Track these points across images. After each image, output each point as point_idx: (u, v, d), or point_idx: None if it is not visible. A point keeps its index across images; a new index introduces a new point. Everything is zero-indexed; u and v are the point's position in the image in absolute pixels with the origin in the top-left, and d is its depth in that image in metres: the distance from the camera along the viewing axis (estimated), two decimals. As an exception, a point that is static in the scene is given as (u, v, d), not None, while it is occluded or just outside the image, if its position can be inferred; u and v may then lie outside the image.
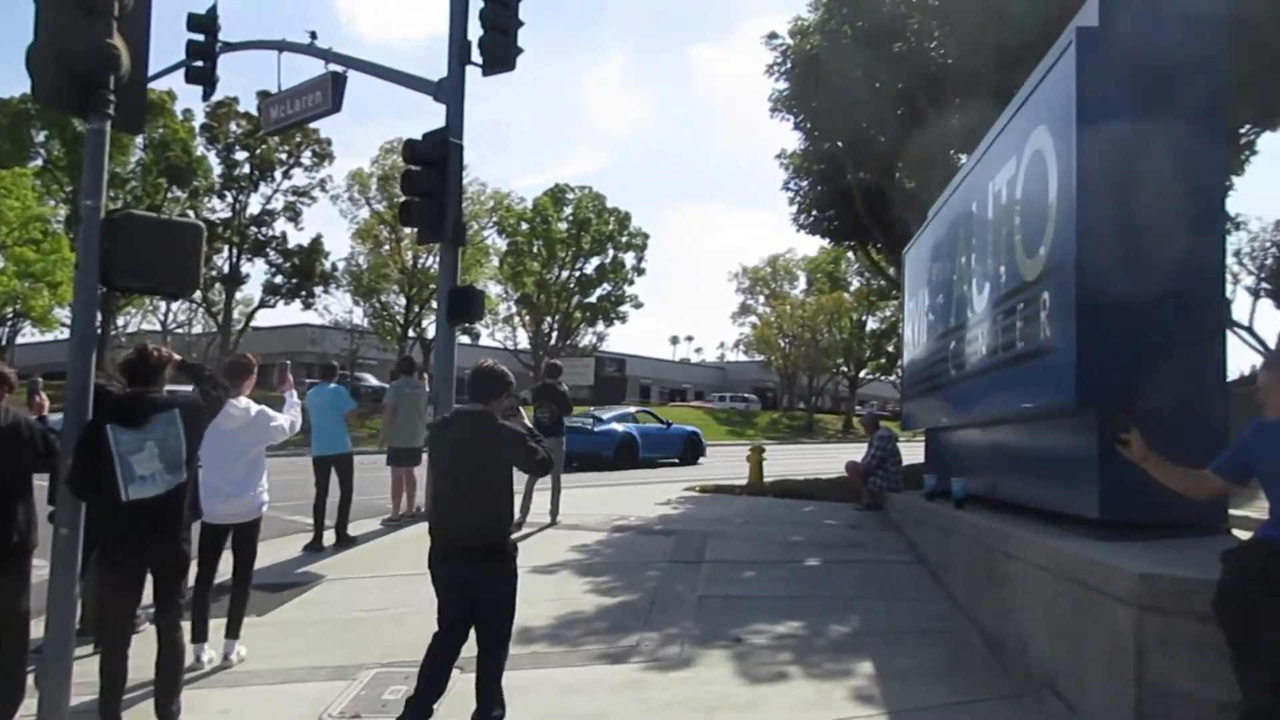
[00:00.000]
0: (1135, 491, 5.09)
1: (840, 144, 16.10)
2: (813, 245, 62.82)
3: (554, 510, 10.73)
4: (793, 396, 65.43)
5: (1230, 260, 26.34)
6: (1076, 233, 5.21)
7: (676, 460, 23.03)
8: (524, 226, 44.70)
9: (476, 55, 12.02)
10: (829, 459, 20.78)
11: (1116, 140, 5.22)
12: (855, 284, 53.78)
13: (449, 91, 11.90)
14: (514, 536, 4.63)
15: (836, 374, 60.40)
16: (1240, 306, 29.89)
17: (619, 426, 21.87)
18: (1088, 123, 5.22)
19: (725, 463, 22.25)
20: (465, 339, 51.27)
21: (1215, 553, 3.79)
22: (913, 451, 12.60)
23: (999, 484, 7.53)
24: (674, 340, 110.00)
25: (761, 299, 61.72)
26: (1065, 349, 5.30)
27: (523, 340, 48.93)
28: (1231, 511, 5.46)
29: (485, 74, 12.07)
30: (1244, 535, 4.49)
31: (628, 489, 15.39)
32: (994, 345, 6.90)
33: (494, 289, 46.48)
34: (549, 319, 47.40)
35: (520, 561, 4.62)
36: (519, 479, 4.96)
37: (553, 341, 47.78)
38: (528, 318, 46.88)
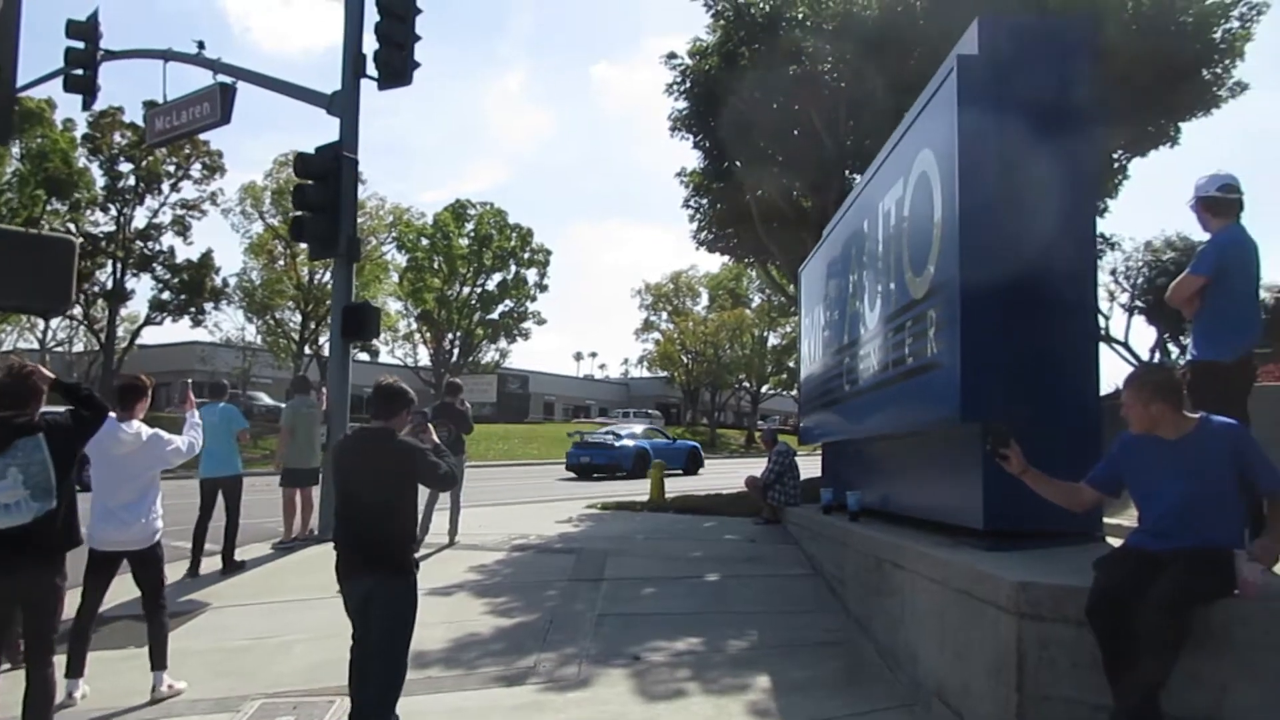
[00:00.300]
0: (1018, 503, 5.27)
1: (739, 163, 16.31)
2: (715, 262, 63.54)
3: (453, 530, 10.56)
4: (696, 412, 65.94)
5: (1107, 279, 27.63)
6: (959, 252, 5.37)
7: (680, 471, 25.95)
8: (424, 242, 44.14)
9: (372, 69, 11.87)
10: (731, 474, 21.00)
11: (995, 163, 5.42)
12: (757, 300, 54.61)
13: (343, 105, 11.70)
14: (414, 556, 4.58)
15: (739, 389, 61.18)
16: (1117, 323, 31.37)
17: (633, 442, 25.47)
18: (968, 146, 5.40)
19: (626, 480, 22.28)
20: (364, 356, 50.24)
21: (1090, 560, 3.95)
22: (813, 465, 12.82)
23: (892, 497, 7.71)
24: (578, 357, 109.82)
25: (664, 315, 62.18)
26: (951, 365, 5.45)
27: (424, 357, 48.23)
28: (1106, 520, 5.71)
29: (381, 88, 11.92)
30: (1116, 543, 4.68)
31: (529, 507, 15.27)
32: (885, 361, 7.06)
33: (394, 305, 45.77)
34: (450, 336, 46.80)
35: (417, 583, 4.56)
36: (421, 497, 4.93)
37: (454, 358, 47.21)
38: (428, 334, 46.20)
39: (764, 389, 58.05)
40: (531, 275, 48.05)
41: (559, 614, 7.24)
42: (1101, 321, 24.62)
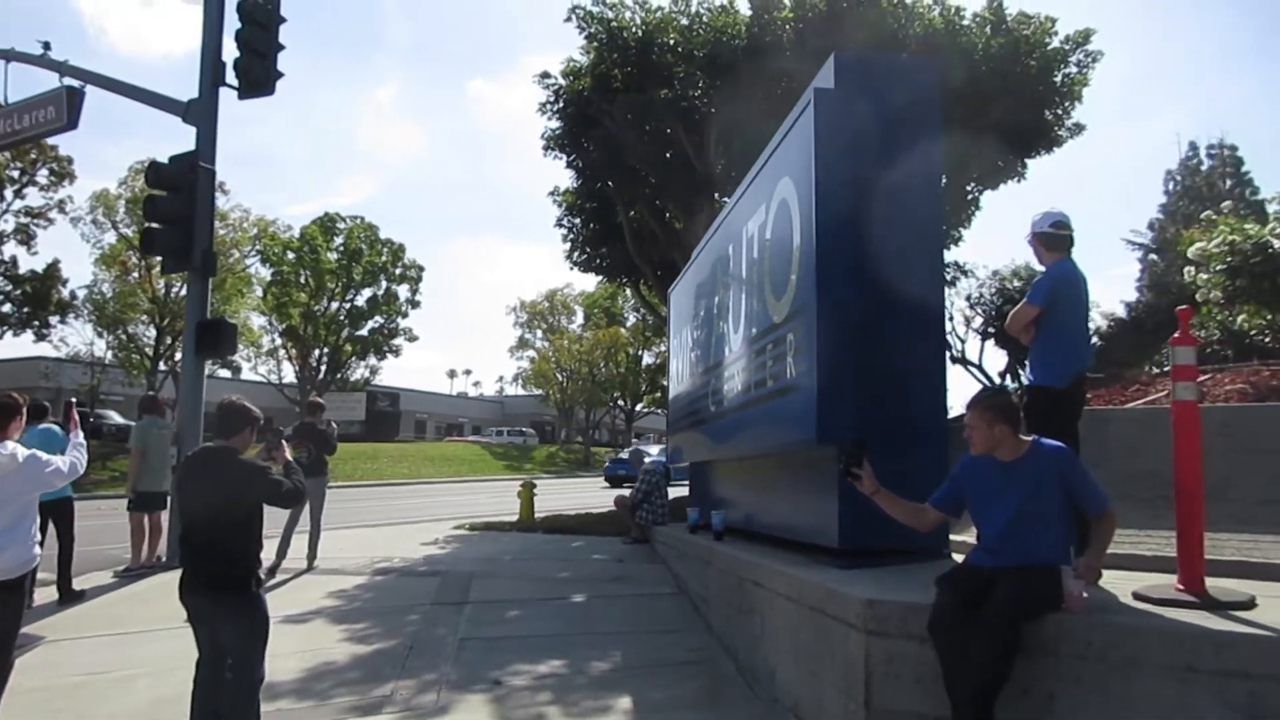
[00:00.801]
0: (871, 522, 5.43)
1: (611, 184, 16.45)
2: (591, 280, 63.80)
3: (311, 554, 10.21)
4: (570, 430, 65.88)
5: (963, 304, 28.90)
6: (815, 277, 5.52)
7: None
8: (290, 256, 42.73)
9: (232, 77, 11.47)
10: (604, 492, 21.05)
11: (850, 192, 5.61)
12: (632, 319, 55.01)
13: (200, 114, 11.26)
14: (269, 584, 4.44)
15: (614, 408, 61.40)
16: (971, 346, 32.81)
17: (660, 458, 25.57)
18: (824, 175, 5.58)
19: (499, 498, 22.04)
20: (226, 373, 48.31)
21: (935, 577, 4.11)
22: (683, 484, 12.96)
23: (756, 516, 7.85)
24: (452, 374, 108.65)
25: (540, 333, 62.01)
26: (808, 387, 5.60)
27: (289, 374, 46.63)
28: (954, 538, 5.95)
29: (241, 97, 11.52)
30: (960, 559, 4.88)
31: (395, 529, 14.94)
32: (748, 383, 7.20)
33: (257, 320, 44.13)
34: (317, 352, 45.41)
35: (270, 611, 4.42)
36: (275, 523, 4.76)
37: (322, 375, 45.82)
38: (294, 351, 44.70)
39: (639, 407, 58.44)
40: (403, 291, 47.20)
41: (420, 639, 7.08)
42: (957, 345, 25.79)
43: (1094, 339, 12.70)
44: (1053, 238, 5.10)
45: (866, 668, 4.15)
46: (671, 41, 15.47)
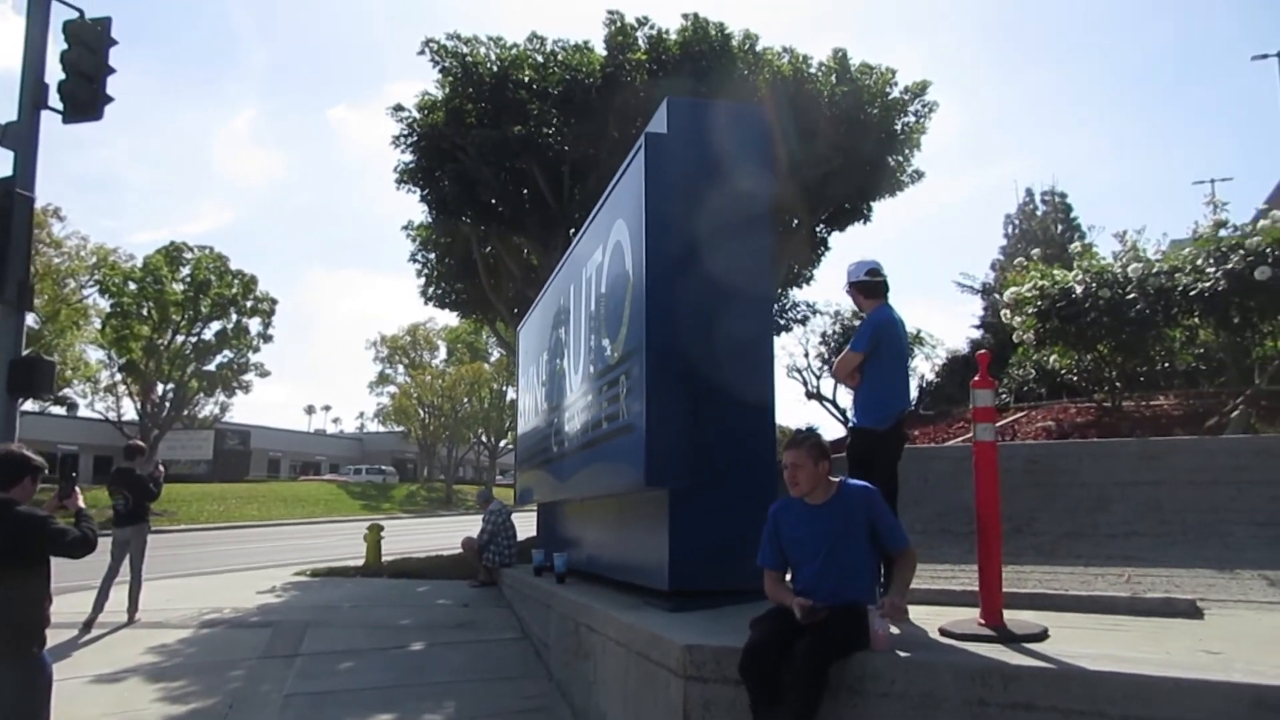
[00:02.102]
0: (701, 563, 5.52)
1: (466, 219, 16.29)
2: (454, 315, 63.01)
3: (132, 607, 9.57)
4: (433, 468, 64.52)
5: (816, 341, 29.77)
6: (646, 320, 5.57)
7: None
8: (133, 286, 40.54)
9: (56, 100, 10.84)
10: (463, 532, 20.58)
11: (680, 235, 5.70)
12: (496, 355, 54.47)
13: (18, 138, 10.56)
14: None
15: (477, 444, 60.49)
16: (826, 383, 33.81)
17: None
18: (655, 218, 5.65)
19: (352, 540, 21.28)
20: (59, 410, 45.37)
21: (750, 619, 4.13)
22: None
23: (597, 558, 7.80)
24: (310, 410, 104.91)
25: (401, 368, 60.67)
26: (639, 429, 5.61)
27: (130, 411, 44.05)
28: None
29: (66, 121, 10.87)
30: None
31: (231, 576, 14.23)
32: (586, 423, 7.19)
33: (94, 354, 41.67)
34: (161, 388, 43.11)
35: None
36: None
37: (165, 413, 43.49)
38: (135, 386, 42.30)
39: (503, 443, 57.75)
40: (255, 325, 45.32)
41: (242, 696, 6.72)
42: (812, 381, 26.55)
43: (932, 376, 13.27)
44: (870, 285, 5.29)
45: (685, 712, 4.14)
46: (526, 79, 15.49)
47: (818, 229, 18.27)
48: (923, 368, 13.95)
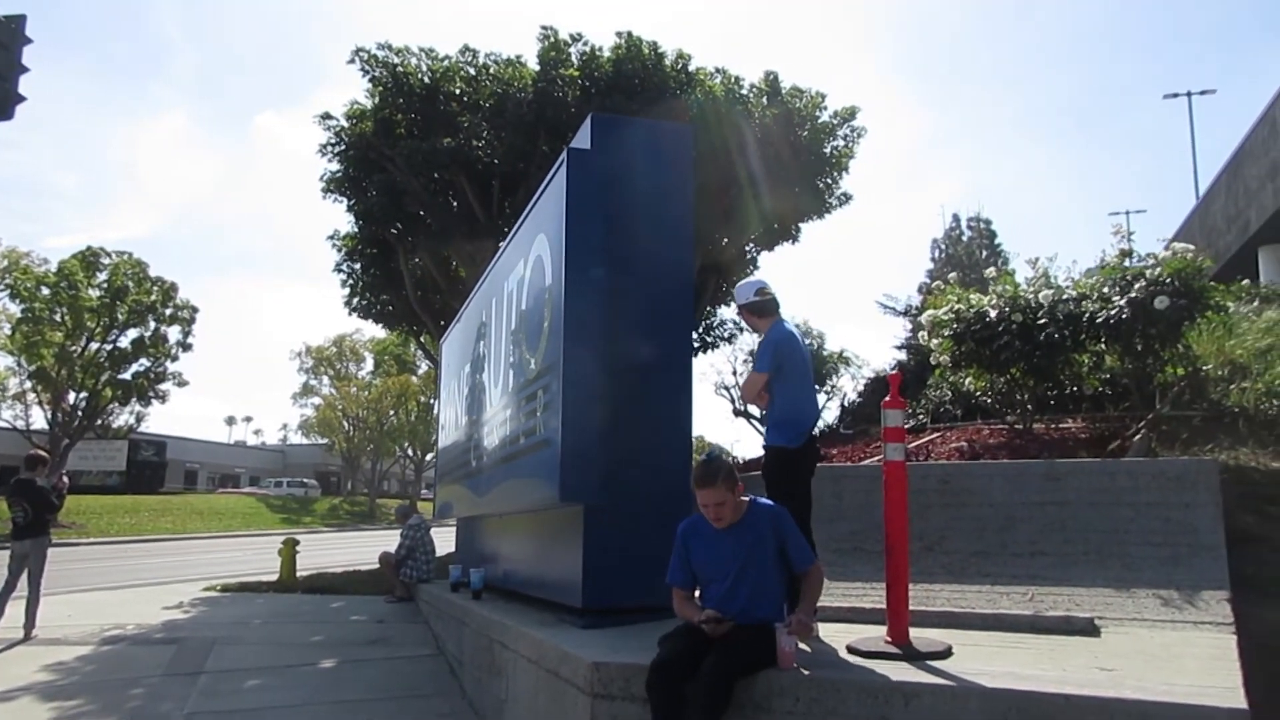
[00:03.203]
0: (615, 581, 5.48)
1: (393, 230, 16.10)
2: (381, 327, 62.19)
3: (29, 623, 9.19)
4: (356, 481, 63.38)
5: (743, 358, 30.05)
6: (564, 335, 5.54)
7: None
8: (45, 291, 39.10)
9: (-38, 95, 10.47)
10: (385, 546, 20.20)
11: (601, 250, 5.68)
12: (424, 367, 53.81)
13: (-82, 132, 10.16)
14: None
15: (403, 458, 59.62)
16: (753, 400, 33.99)
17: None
18: (575, 233, 5.63)
19: (268, 555, 20.74)
20: (-40, 419, 43.43)
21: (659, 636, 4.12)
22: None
23: (513, 574, 7.72)
24: (230, 421, 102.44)
25: (326, 380, 59.58)
26: (555, 445, 5.57)
27: (40, 420, 42.37)
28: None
29: (-27, 118, 10.52)
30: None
31: (137, 591, 13.76)
32: (505, 438, 7.12)
33: (3, 361, 40.09)
34: (73, 396, 41.57)
35: None
36: None
37: (78, 423, 41.93)
38: (45, 395, 40.74)
39: (428, 457, 56.99)
40: (174, 333, 43.95)
41: (141, 715, 6.50)
42: (739, 397, 26.77)
43: (855, 396, 13.46)
44: (761, 305, 5.28)
45: (591, 732, 4.10)
46: (458, 91, 15.43)
47: (747, 248, 18.47)
48: (846, 387, 14.16)
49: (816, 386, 14.01)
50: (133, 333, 42.00)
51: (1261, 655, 4.55)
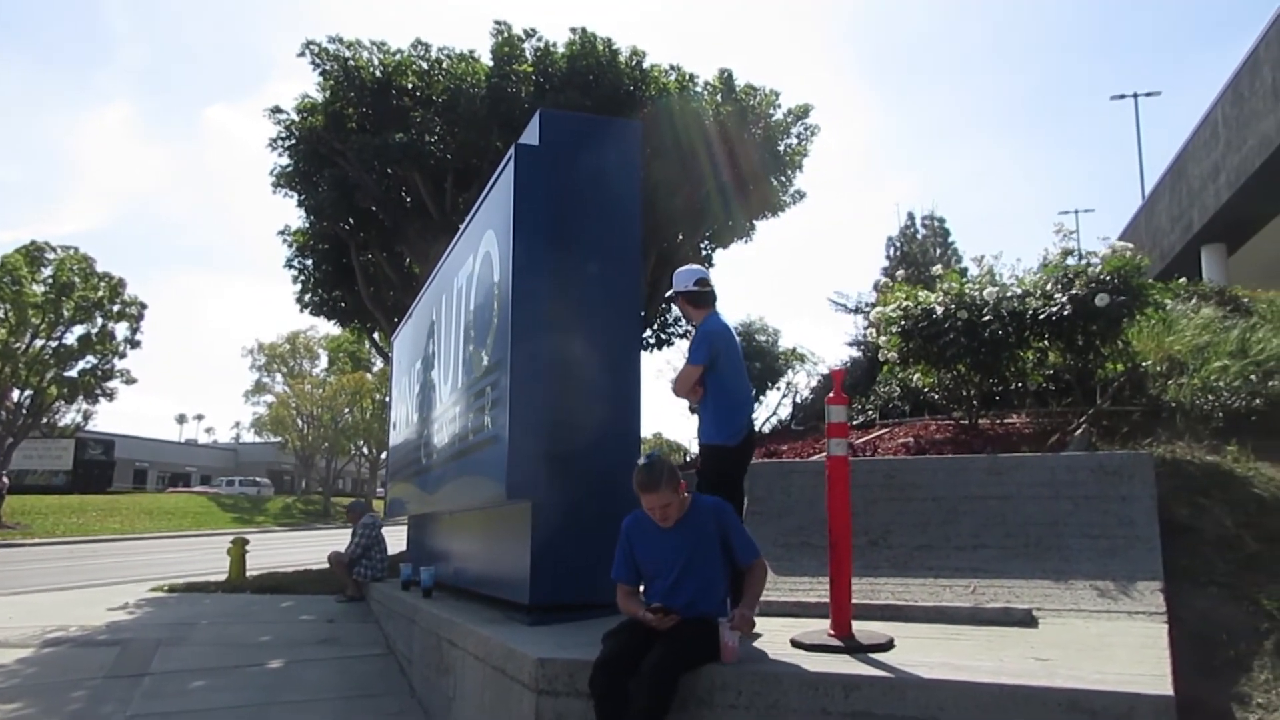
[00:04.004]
0: (563, 577, 5.49)
1: (344, 225, 15.93)
2: (334, 323, 61.44)
3: (-33, 626, 9.01)
4: (310, 480, 62.64)
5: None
6: (512, 331, 5.53)
7: None
8: (-13, 286, 38.19)
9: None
10: (339, 545, 19.99)
11: (549, 246, 5.69)
12: (379, 364, 53.28)
13: None
14: None
15: (357, 456, 59.03)
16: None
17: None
18: (523, 229, 5.63)
19: (218, 555, 20.45)
20: (-102, 416, 42.22)
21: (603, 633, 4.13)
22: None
23: (464, 572, 7.70)
24: (181, 420, 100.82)
25: (279, 377, 58.81)
26: (502, 441, 5.56)
27: (-20, 418, 41.32)
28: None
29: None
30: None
31: (81, 593, 13.50)
32: (455, 435, 7.09)
33: (-58, 357, 39.05)
34: (17, 394, 40.64)
35: None
36: None
37: (21, 421, 40.98)
38: (-13, 393, 39.78)
39: (383, 455, 56.46)
40: (122, 330, 43.12)
41: (82, 717, 6.37)
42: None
43: (808, 393, 13.55)
44: (698, 295, 5.20)
45: (536, 728, 4.10)
46: (410, 85, 15.28)
47: (701, 245, 18.52)
48: (800, 383, 14.23)
49: (771, 384, 14.11)
50: (79, 329, 41.15)
51: (1192, 643, 4.67)
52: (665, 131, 14.66)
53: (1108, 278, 7.00)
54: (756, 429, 13.19)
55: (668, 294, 5.42)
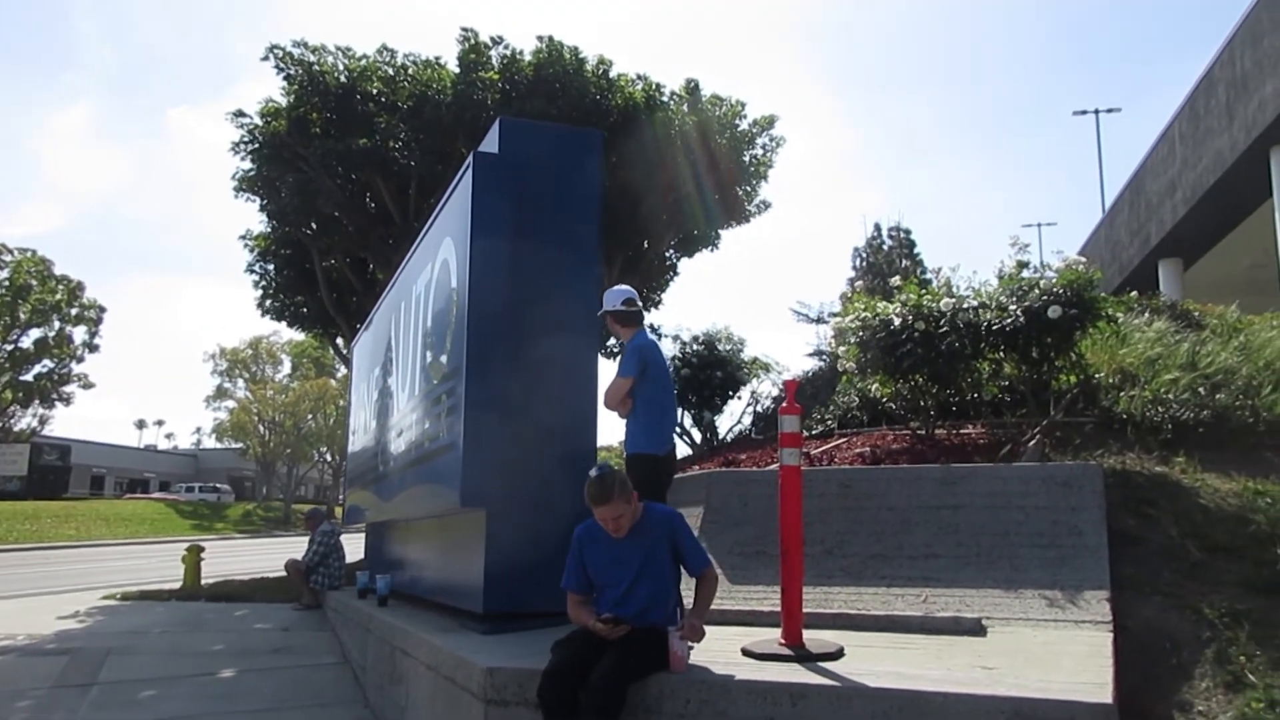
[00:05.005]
0: (516, 586, 5.46)
1: (307, 231, 15.79)
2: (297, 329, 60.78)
3: (-89, 636, 8.80)
4: (272, 486, 61.92)
5: (668, 365, 30.09)
6: (469, 338, 5.52)
7: None
8: (-62, 288, 37.57)
9: None
10: (299, 552, 19.78)
11: (506, 254, 5.68)
12: (343, 370, 52.81)
13: None
14: None
15: (320, 462, 58.45)
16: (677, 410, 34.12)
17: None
18: (480, 237, 5.62)
19: (175, 562, 20.14)
20: None
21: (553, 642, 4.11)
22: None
23: (420, 580, 7.65)
24: (141, 425, 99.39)
25: (241, 383, 58.12)
26: (458, 449, 5.54)
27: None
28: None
29: None
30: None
31: (31, 600, 13.24)
32: (411, 442, 7.05)
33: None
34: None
35: None
36: None
37: (-25, 425, 40.34)
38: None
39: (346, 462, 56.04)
40: (80, 333, 42.55)
41: (24, 730, 6.25)
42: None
43: (769, 402, 13.59)
44: (626, 314, 5.45)
45: (484, 738, 4.08)
46: (375, 91, 15.20)
47: (667, 254, 18.58)
48: (763, 392, 14.27)
49: (732, 392, 14.15)
50: (35, 333, 40.62)
51: (1138, 652, 4.74)
52: (631, 140, 14.71)
53: (1061, 290, 7.09)
54: (720, 437, 13.30)
55: (598, 313, 5.52)
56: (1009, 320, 7.15)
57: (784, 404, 4.70)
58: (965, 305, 7.57)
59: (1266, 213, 15.80)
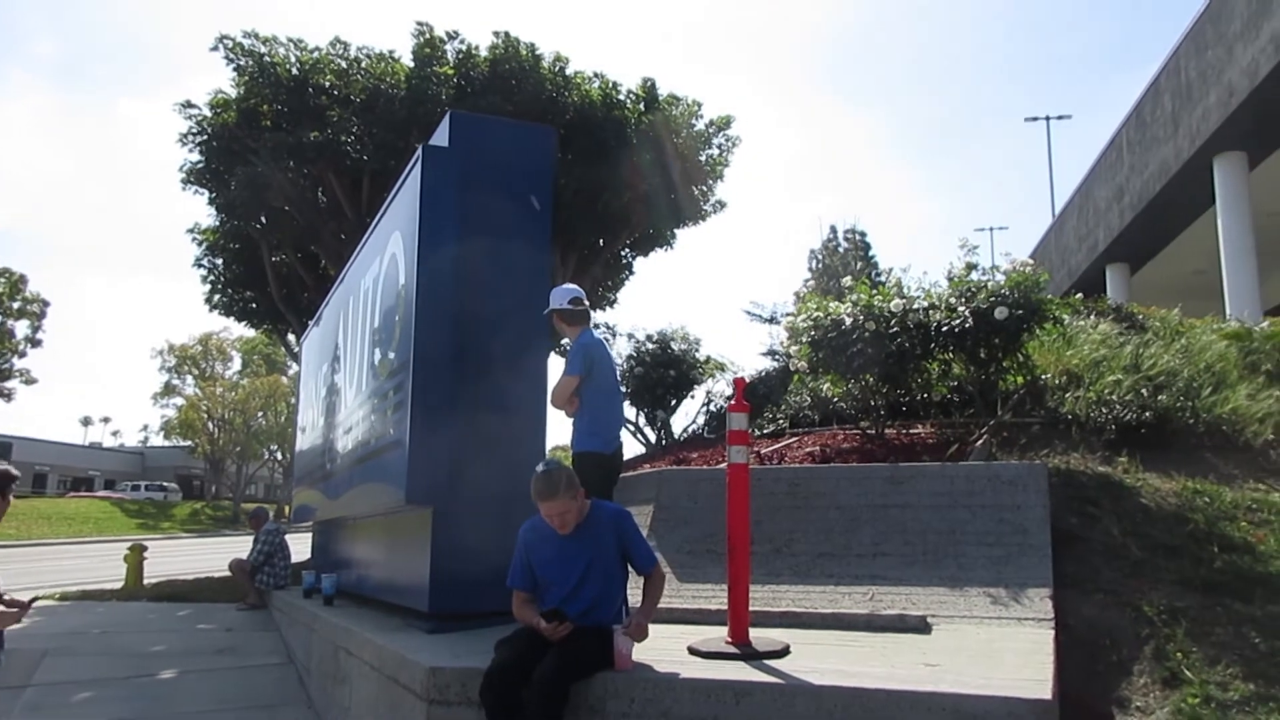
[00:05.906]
0: (462, 585, 5.40)
1: (256, 225, 15.54)
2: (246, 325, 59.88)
3: None
4: (221, 485, 60.93)
5: (621, 364, 30.12)
6: (415, 334, 5.45)
7: None
8: (-124, 280, 36.46)
9: None
10: (247, 552, 19.44)
11: (455, 249, 5.61)
12: (294, 367, 52.13)
13: None
14: None
15: (270, 461, 57.62)
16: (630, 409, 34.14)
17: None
18: (429, 232, 5.56)
19: (118, 562, 19.71)
20: None
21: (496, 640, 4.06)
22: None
23: (366, 580, 7.54)
24: (86, 422, 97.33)
25: (190, 379, 57.12)
26: (404, 445, 5.46)
27: None
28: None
29: None
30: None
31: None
32: (359, 440, 6.95)
33: None
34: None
35: None
36: None
37: (-90, 421, 39.18)
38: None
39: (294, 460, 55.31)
40: (22, 328, 41.53)
41: (-48, 735, 6.05)
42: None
43: (722, 402, 13.64)
44: (573, 313, 5.41)
45: (427, 738, 4.02)
46: (328, 84, 14.99)
47: (622, 253, 18.56)
48: (717, 392, 14.34)
49: (687, 392, 14.18)
50: (-25, 327, 39.54)
51: (1079, 648, 4.80)
52: (587, 138, 14.66)
53: (1008, 292, 7.18)
54: (675, 436, 13.32)
55: (544, 311, 5.47)
56: (958, 321, 7.22)
57: (732, 401, 4.69)
58: (915, 306, 7.63)
59: (1210, 220, 16.15)
